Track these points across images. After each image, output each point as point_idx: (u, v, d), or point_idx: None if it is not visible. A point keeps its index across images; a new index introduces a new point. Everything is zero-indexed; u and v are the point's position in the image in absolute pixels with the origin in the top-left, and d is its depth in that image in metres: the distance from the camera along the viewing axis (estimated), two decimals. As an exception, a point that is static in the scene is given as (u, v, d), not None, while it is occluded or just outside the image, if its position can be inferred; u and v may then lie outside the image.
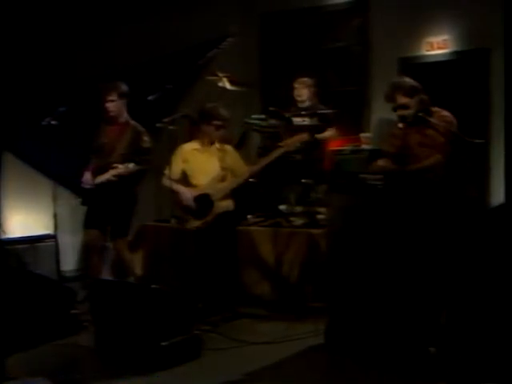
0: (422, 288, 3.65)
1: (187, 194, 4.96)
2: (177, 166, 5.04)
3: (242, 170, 5.09)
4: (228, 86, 5.73)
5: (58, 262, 5.36)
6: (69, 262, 6.51)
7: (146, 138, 5.12)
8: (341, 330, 4.04)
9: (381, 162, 4.59)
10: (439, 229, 3.64)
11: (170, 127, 4.85)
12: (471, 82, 6.00)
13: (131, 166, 4.89)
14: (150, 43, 7.18)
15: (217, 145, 5.09)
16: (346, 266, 4.04)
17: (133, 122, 5.21)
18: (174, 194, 4.94)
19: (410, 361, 3.60)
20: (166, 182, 4.92)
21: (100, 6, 7.13)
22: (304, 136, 5.04)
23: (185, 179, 5.08)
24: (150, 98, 4.71)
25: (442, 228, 3.64)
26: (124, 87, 5.18)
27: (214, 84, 5.61)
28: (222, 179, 5.03)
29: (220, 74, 5.71)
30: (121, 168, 4.91)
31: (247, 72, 6.78)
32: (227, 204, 5.03)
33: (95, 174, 5.09)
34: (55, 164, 5.20)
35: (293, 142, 4.98)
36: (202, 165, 5.04)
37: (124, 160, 4.96)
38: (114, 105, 5.14)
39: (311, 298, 4.89)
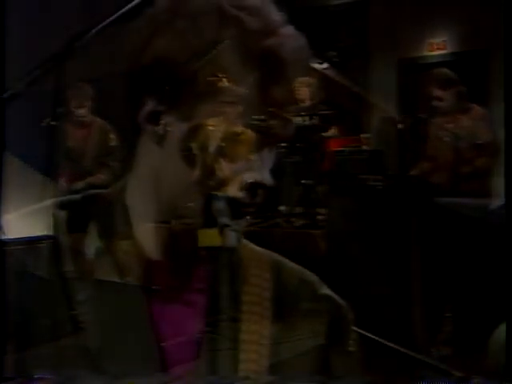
0: (422, 288, 3.66)
1: None
2: None
3: None
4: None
5: (57, 262, 5.36)
6: (68, 263, 6.52)
7: (112, 136, 5.04)
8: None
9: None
10: (439, 230, 3.65)
11: (169, 128, 4.85)
12: (470, 83, 6.00)
13: (103, 176, 4.97)
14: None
15: None
16: (346, 267, 4.05)
17: (98, 120, 5.10)
18: None
19: (411, 361, 3.60)
20: None
21: (99, 7, 7.14)
22: None
23: None
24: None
25: (442, 229, 3.65)
26: (91, 89, 5.03)
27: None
28: None
29: (220, 75, 5.71)
30: (94, 178, 4.95)
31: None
32: None
33: (71, 181, 4.91)
34: (55, 164, 5.18)
35: None
36: None
37: (98, 164, 5.00)
38: (87, 109, 5.02)
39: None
